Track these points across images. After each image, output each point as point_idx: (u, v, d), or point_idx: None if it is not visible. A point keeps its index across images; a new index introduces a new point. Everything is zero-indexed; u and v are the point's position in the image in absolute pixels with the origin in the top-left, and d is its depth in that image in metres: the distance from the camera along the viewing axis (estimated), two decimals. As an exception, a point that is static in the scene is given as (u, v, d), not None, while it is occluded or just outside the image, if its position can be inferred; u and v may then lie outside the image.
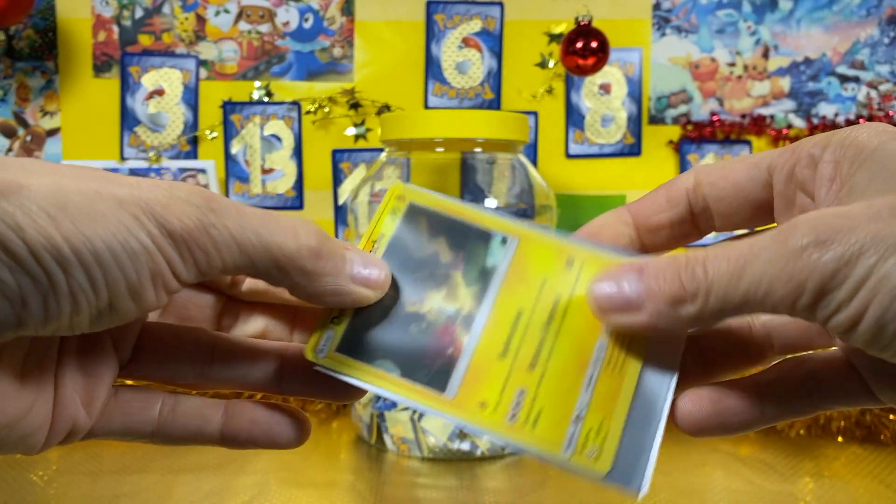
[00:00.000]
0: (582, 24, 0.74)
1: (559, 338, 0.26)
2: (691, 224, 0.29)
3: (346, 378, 0.26)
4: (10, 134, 0.81)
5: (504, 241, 0.28)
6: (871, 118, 0.84)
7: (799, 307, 0.22)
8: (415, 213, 0.28)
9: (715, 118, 0.84)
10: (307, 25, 0.82)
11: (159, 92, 0.81)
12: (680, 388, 0.26)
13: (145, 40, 0.81)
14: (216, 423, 0.27)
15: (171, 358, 0.27)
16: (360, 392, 0.27)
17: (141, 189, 0.22)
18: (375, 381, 0.26)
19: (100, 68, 0.81)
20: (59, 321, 0.21)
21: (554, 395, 0.25)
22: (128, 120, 0.81)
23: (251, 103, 0.81)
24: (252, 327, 0.30)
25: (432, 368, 0.26)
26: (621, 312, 0.25)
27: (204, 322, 0.29)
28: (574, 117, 0.84)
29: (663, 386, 0.26)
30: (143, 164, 0.80)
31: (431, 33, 0.82)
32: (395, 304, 0.27)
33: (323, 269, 0.24)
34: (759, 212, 0.29)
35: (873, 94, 0.85)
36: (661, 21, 0.84)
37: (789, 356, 0.29)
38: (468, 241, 0.28)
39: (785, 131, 0.84)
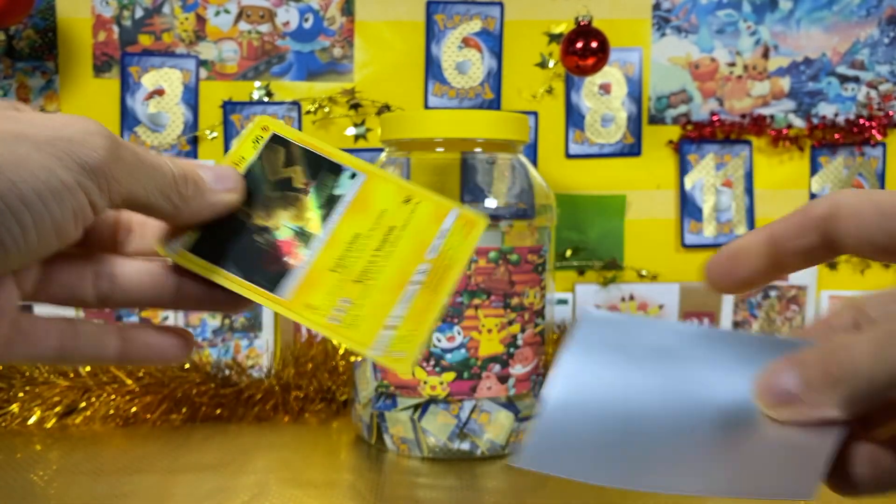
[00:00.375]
0: (582, 24, 0.74)
1: (387, 260, 0.31)
2: (828, 249, 0.29)
3: (193, 272, 0.30)
4: (10, 134, 0.81)
5: (353, 175, 0.32)
6: (870, 118, 0.84)
7: None
8: (275, 143, 0.32)
9: (715, 118, 0.84)
10: (307, 25, 0.82)
11: (159, 92, 0.81)
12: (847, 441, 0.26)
13: (145, 40, 0.81)
14: (113, 347, 0.29)
15: (72, 283, 0.29)
16: (242, 302, 0.30)
17: (55, 127, 0.23)
18: (221, 279, 0.29)
19: (100, 68, 0.81)
20: None
21: (372, 306, 0.30)
22: (128, 120, 0.81)
23: (251, 103, 0.81)
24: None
25: (269, 273, 0.30)
26: (786, 407, 0.25)
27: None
28: (574, 117, 0.84)
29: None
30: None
31: (431, 33, 0.82)
32: (245, 218, 0.31)
33: (193, 191, 0.27)
34: None
35: (873, 94, 0.85)
36: (661, 21, 0.84)
37: None
38: (321, 172, 0.32)
39: (785, 131, 0.84)
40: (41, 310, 0.30)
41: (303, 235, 0.31)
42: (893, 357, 0.23)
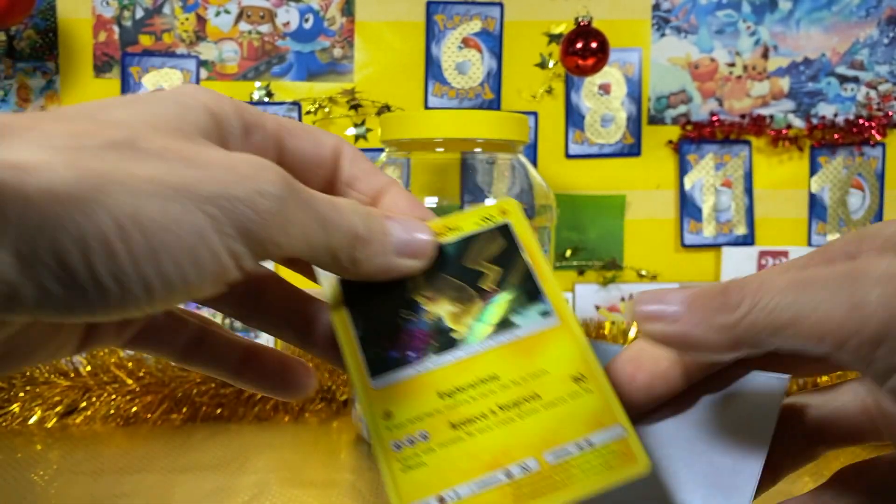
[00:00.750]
0: (582, 24, 0.74)
1: (500, 428, 0.25)
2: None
3: (326, 304, 0.27)
4: (10, 134, 0.81)
5: (545, 314, 0.27)
6: (870, 118, 0.84)
7: (854, 343, 0.19)
8: (499, 232, 0.28)
9: (714, 118, 0.84)
10: (307, 26, 0.82)
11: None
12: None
13: (146, 41, 0.81)
14: (234, 363, 0.28)
15: (164, 340, 0.27)
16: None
17: (227, 182, 0.19)
18: (339, 326, 0.26)
19: (100, 68, 0.81)
20: (103, 318, 0.19)
21: (443, 464, 0.24)
22: (128, 120, 0.81)
23: (252, 103, 0.82)
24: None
25: (382, 353, 0.26)
26: (659, 321, 0.23)
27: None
28: (574, 117, 0.84)
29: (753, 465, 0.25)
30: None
31: (431, 33, 0.82)
32: (409, 287, 0.27)
33: (370, 253, 0.24)
34: None
35: (872, 94, 0.85)
36: (661, 21, 0.84)
37: (848, 465, 0.27)
38: (517, 288, 0.27)
39: (784, 131, 0.84)
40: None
41: (444, 339, 0.26)
42: (804, 301, 0.20)
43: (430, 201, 0.65)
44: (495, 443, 0.24)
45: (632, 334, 0.74)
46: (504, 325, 0.26)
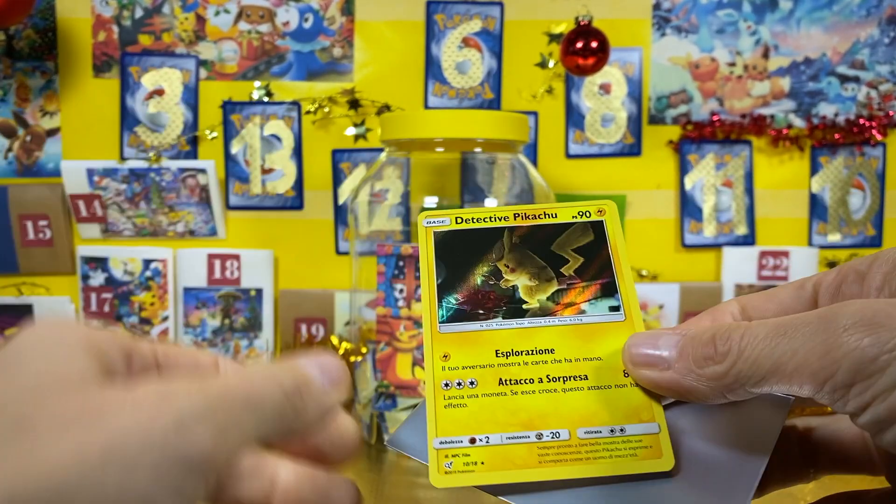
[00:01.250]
0: (582, 24, 0.74)
1: (540, 395, 0.26)
2: None
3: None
4: (9, 134, 0.81)
5: (616, 308, 0.28)
6: (870, 118, 0.84)
7: (829, 388, 0.21)
8: (592, 228, 0.30)
9: (715, 118, 0.84)
10: (307, 25, 0.82)
11: (159, 92, 0.81)
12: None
13: (145, 40, 0.81)
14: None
15: None
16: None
17: (165, 432, 0.19)
18: (424, 271, 0.29)
19: (100, 68, 0.81)
20: None
21: (480, 413, 0.26)
22: (128, 120, 0.81)
23: (251, 103, 0.81)
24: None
25: (455, 303, 0.28)
26: (651, 368, 0.25)
27: None
28: (574, 117, 0.84)
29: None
30: (143, 164, 0.80)
31: (431, 33, 0.82)
32: (496, 252, 0.29)
33: (304, 403, 0.23)
34: None
35: (873, 94, 0.85)
36: (661, 21, 0.84)
37: (840, 493, 0.28)
38: (595, 279, 0.29)
39: (785, 131, 0.84)
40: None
41: (514, 306, 0.28)
42: (783, 350, 0.21)
43: (430, 201, 0.65)
44: (535, 406, 0.26)
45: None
46: (573, 308, 0.28)
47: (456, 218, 0.31)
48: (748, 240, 0.85)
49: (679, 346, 0.24)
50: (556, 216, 0.30)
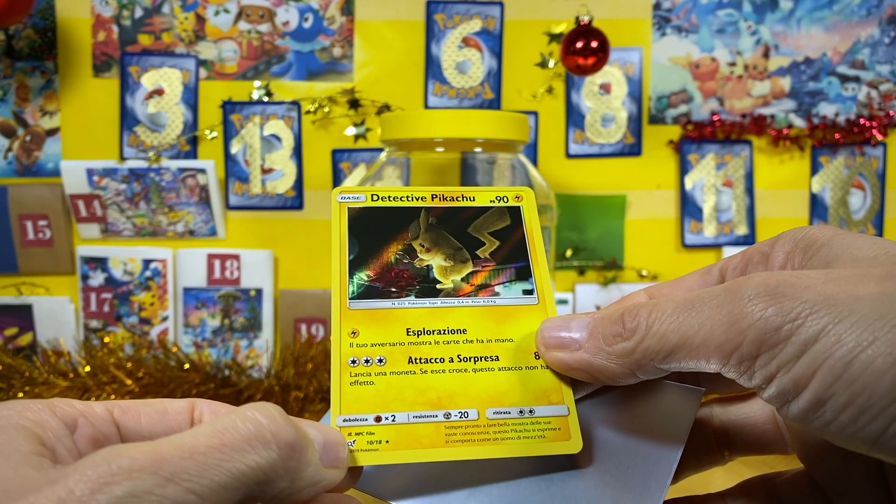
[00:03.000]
0: (582, 23, 0.74)
1: (450, 375, 0.26)
2: None
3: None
4: (9, 134, 0.81)
5: (530, 292, 0.28)
6: (871, 118, 0.84)
7: (735, 360, 0.21)
8: (509, 212, 0.30)
9: (715, 118, 0.84)
10: (307, 25, 0.82)
11: (159, 92, 0.81)
12: None
13: (145, 40, 0.81)
14: None
15: None
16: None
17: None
18: (334, 246, 0.28)
19: (99, 68, 0.81)
20: None
21: (387, 391, 0.26)
22: (127, 120, 0.81)
23: (251, 103, 0.81)
24: None
25: (367, 281, 0.28)
26: (562, 349, 0.25)
27: None
28: (574, 117, 0.84)
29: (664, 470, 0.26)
30: (142, 164, 0.80)
31: (431, 33, 0.82)
32: (412, 231, 0.29)
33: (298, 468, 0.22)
34: None
35: (873, 93, 0.85)
36: (662, 21, 0.84)
37: (754, 476, 0.29)
38: (510, 263, 0.29)
39: (785, 131, 0.84)
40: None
41: (427, 286, 0.28)
42: (690, 323, 0.21)
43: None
44: (444, 386, 0.26)
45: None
46: (486, 290, 0.28)
47: (372, 195, 0.30)
48: (748, 240, 0.85)
49: (589, 326, 0.24)
50: (473, 199, 0.30)
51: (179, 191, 0.80)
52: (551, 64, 0.83)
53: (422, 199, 0.30)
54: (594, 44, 0.72)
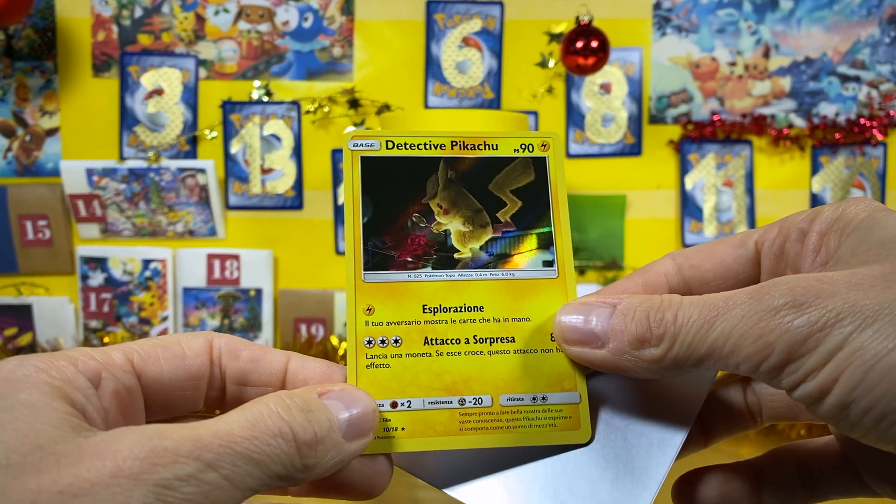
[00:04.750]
0: (582, 23, 0.73)
1: (465, 358, 0.25)
2: None
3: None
4: (9, 133, 0.81)
5: (550, 263, 0.27)
6: (871, 117, 0.84)
7: (764, 369, 0.21)
8: (534, 165, 0.28)
9: (716, 118, 0.84)
10: (307, 25, 0.82)
11: (158, 91, 0.81)
12: (682, 450, 0.26)
13: (144, 40, 0.81)
14: None
15: None
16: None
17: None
18: (348, 208, 0.27)
19: (99, 68, 0.81)
20: None
21: (403, 375, 0.25)
22: (127, 119, 0.81)
23: (251, 103, 0.81)
24: None
25: (382, 248, 0.26)
26: (584, 346, 0.24)
27: None
28: (574, 117, 0.84)
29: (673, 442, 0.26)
30: (142, 164, 0.80)
31: (431, 33, 0.82)
32: (430, 189, 0.27)
33: (322, 453, 0.22)
34: None
35: (874, 93, 0.85)
36: (662, 21, 0.83)
37: (782, 445, 0.29)
38: (532, 229, 0.27)
39: (785, 131, 0.84)
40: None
41: (445, 256, 0.27)
42: (717, 333, 0.22)
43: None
44: (460, 370, 0.25)
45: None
46: (505, 261, 0.27)
47: (387, 142, 0.28)
48: (749, 240, 0.85)
49: (612, 321, 0.24)
50: (496, 147, 0.28)
51: (179, 191, 0.80)
52: (551, 64, 0.83)
53: (441, 146, 0.28)
54: (594, 44, 0.72)
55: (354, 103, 0.81)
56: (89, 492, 0.18)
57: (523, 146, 0.28)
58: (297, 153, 0.82)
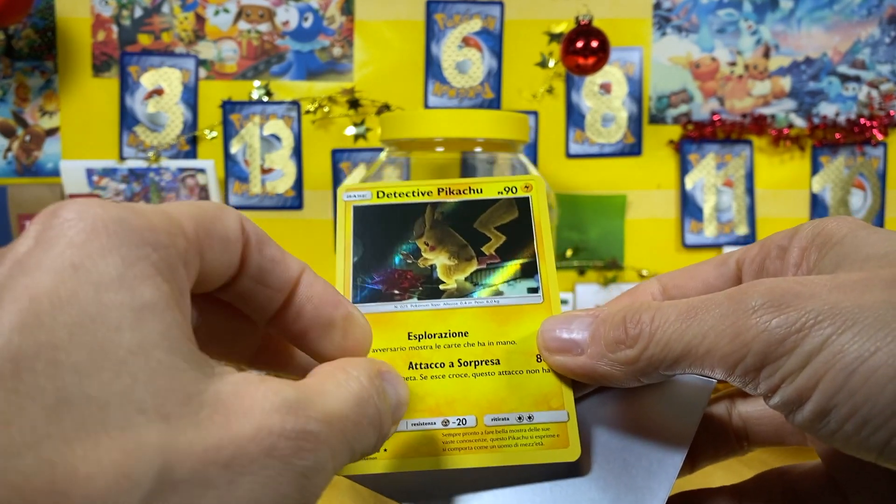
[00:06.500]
0: (582, 23, 0.73)
1: (449, 380, 0.25)
2: None
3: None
4: (9, 134, 0.81)
5: (535, 290, 0.27)
6: (871, 118, 0.84)
7: (741, 371, 0.20)
8: (517, 205, 0.29)
9: (716, 118, 0.84)
10: (307, 25, 0.82)
11: (158, 91, 0.81)
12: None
13: (144, 40, 0.81)
14: None
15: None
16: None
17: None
18: (340, 248, 0.28)
19: (99, 68, 0.81)
20: None
21: None
22: (127, 119, 0.81)
23: (250, 103, 0.81)
24: None
25: (370, 283, 0.27)
26: (565, 353, 0.24)
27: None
28: (574, 117, 0.84)
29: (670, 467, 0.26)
30: (142, 164, 0.80)
31: (431, 33, 0.82)
32: (416, 230, 0.28)
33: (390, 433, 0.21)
34: None
35: (874, 93, 0.85)
36: (662, 20, 0.83)
37: (770, 469, 0.28)
38: (516, 260, 0.28)
39: (786, 131, 0.84)
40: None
41: (430, 287, 0.27)
42: (693, 333, 0.21)
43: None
44: (444, 392, 0.25)
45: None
46: (490, 289, 0.27)
47: (378, 192, 0.29)
48: (749, 240, 0.85)
49: (591, 328, 0.24)
50: (481, 191, 0.29)
51: (179, 191, 0.80)
52: (551, 64, 0.83)
53: (427, 193, 0.29)
54: (594, 43, 0.72)
55: (354, 103, 0.81)
56: (249, 469, 0.15)
57: (507, 188, 0.29)
58: (297, 153, 0.82)
